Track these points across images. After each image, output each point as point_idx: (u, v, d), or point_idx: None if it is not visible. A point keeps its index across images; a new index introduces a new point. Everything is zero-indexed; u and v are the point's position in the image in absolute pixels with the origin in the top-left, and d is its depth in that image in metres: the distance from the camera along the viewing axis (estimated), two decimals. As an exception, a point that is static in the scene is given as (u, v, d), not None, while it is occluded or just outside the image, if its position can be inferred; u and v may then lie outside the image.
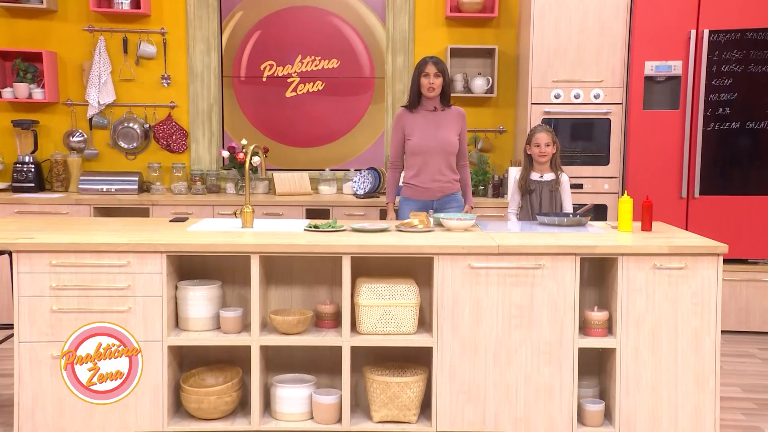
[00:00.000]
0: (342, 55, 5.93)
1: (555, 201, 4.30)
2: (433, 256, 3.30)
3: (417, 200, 4.27)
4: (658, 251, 3.29)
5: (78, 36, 5.78)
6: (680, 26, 5.11)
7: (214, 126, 5.86)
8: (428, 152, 4.21)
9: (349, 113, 6.00)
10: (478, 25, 5.82)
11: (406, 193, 4.30)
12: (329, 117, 5.99)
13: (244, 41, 5.90)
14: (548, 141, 4.27)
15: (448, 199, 4.30)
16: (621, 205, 3.72)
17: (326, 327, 3.46)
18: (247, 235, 3.54)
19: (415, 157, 4.22)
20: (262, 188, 5.70)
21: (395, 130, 4.27)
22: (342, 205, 5.34)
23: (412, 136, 4.22)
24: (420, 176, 4.24)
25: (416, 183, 4.25)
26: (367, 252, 3.31)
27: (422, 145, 4.20)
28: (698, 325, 3.32)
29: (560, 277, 3.30)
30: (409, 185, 4.28)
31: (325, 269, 3.60)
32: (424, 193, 4.26)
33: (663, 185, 5.19)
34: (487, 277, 3.30)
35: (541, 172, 4.35)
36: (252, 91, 5.95)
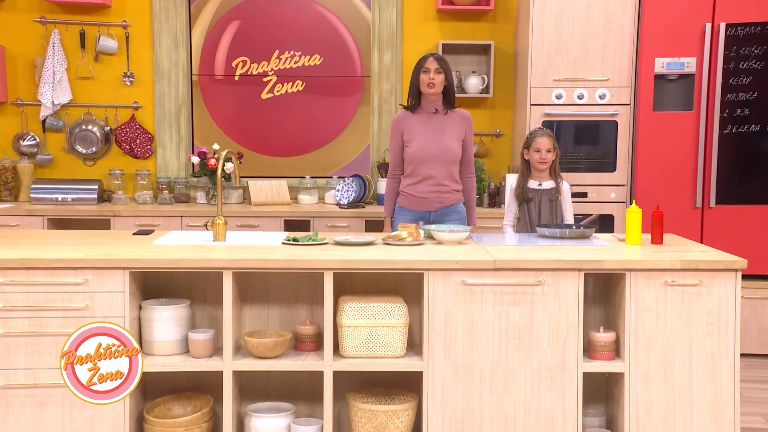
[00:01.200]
0: (326, 51, 5.94)
1: (555, 211, 4.33)
2: (424, 272, 3.32)
3: (413, 210, 4.27)
4: (669, 266, 3.32)
5: (29, 28, 5.78)
6: (694, 19, 5.16)
7: (182, 129, 5.87)
8: (428, 160, 4.19)
9: (335, 117, 6.00)
10: (472, 18, 5.86)
11: (402, 203, 4.31)
12: (311, 122, 5.99)
13: (215, 35, 5.91)
14: (549, 146, 4.30)
15: (448, 210, 4.29)
16: (629, 215, 3.76)
17: (306, 350, 3.47)
18: (219, 249, 3.55)
19: (414, 165, 4.22)
20: (235, 197, 5.71)
21: (393, 134, 4.28)
22: (324, 216, 5.36)
23: (411, 141, 4.21)
24: (418, 185, 4.24)
25: (413, 192, 4.26)
26: (352, 267, 3.32)
27: (421, 152, 4.19)
28: (715, 348, 3.35)
29: (562, 294, 3.33)
30: (406, 194, 4.29)
31: (305, 287, 3.61)
32: (421, 203, 4.26)
33: (675, 194, 5.24)
34: (483, 295, 3.32)
35: (539, 179, 4.38)
36: (223, 91, 5.95)
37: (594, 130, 5.35)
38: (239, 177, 4.05)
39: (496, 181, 5.75)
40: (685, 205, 5.25)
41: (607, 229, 5.21)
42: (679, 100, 5.26)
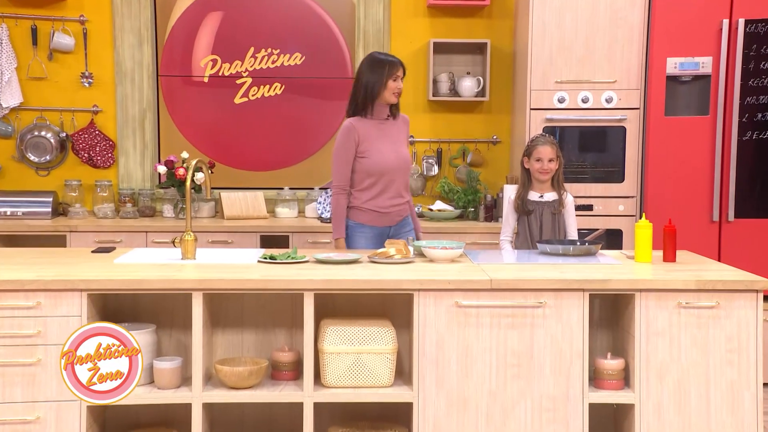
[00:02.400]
0: (308, 48, 5.94)
1: (558, 226, 4.35)
2: (414, 293, 3.33)
3: (374, 227, 4.28)
4: (683, 286, 3.35)
5: (-23, 25, 5.77)
6: (710, 15, 5.19)
7: (147, 135, 5.87)
8: (390, 171, 4.24)
9: (320, 125, 5.97)
10: (466, 14, 5.90)
11: (361, 218, 4.27)
12: (292, 130, 5.98)
13: (180, 31, 5.89)
14: (552, 156, 4.33)
15: (403, 223, 4.38)
16: (639, 230, 3.78)
17: (284, 379, 3.47)
18: (188, 268, 3.55)
19: (375, 177, 4.24)
20: (206, 211, 5.71)
21: (346, 143, 4.20)
22: (304, 231, 5.37)
23: (369, 152, 4.22)
24: (377, 199, 4.26)
25: (373, 207, 4.26)
26: (334, 288, 3.33)
27: (383, 163, 4.22)
28: (735, 377, 3.37)
29: (566, 317, 3.35)
30: (364, 210, 4.26)
31: (284, 309, 3.61)
32: (382, 218, 4.28)
33: (690, 207, 5.26)
34: (478, 318, 3.33)
35: (541, 191, 4.41)
36: (190, 95, 5.93)
37: (600, 137, 5.38)
38: (211, 188, 4.06)
39: (492, 193, 5.77)
40: (701, 219, 5.28)
41: (615, 245, 5.23)
42: (694, 104, 5.29)
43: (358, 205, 4.27)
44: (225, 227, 5.37)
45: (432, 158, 5.91)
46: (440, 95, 5.83)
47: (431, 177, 5.94)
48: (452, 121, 5.94)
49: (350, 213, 4.29)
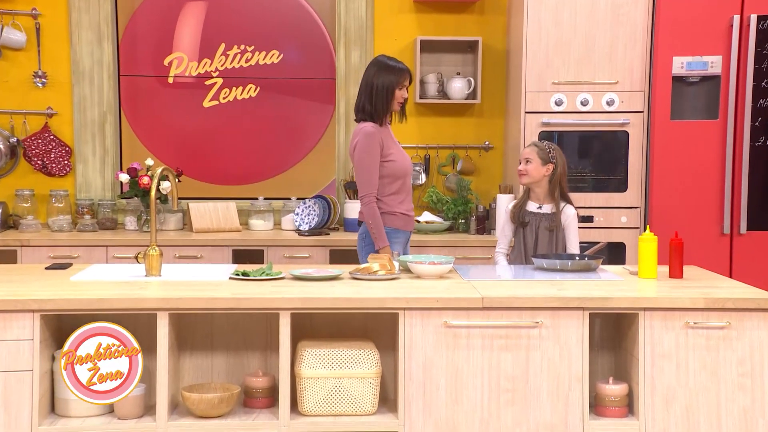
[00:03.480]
0: (287, 44, 5.93)
1: (555, 241, 4.36)
2: (399, 312, 3.33)
3: (405, 232, 4.58)
4: (691, 305, 3.37)
5: None
6: (719, 11, 5.23)
7: (108, 141, 5.86)
8: (408, 173, 4.58)
9: (301, 131, 5.96)
10: (456, 10, 5.93)
11: (397, 224, 4.51)
12: (269, 138, 5.95)
13: (144, 24, 5.87)
14: (529, 155, 4.38)
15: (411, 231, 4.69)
16: (643, 244, 3.81)
17: (258, 407, 3.47)
18: (152, 286, 3.54)
19: (400, 181, 4.52)
20: (173, 223, 5.70)
21: (372, 148, 4.42)
22: (280, 245, 5.37)
23: (393, 154, 4.49)
24: (406, 202, 4.56)
25: (404, 211, 4.55)
26: (313, 307, 3.34)
27: (406, 165, 4.56)
28: (748, 404, 3.39)
29: (564, 338, 3.36)
30: (398, 215, 4.52)
31: (257, 330, 3.61)
32: (410, 222, 4.61)
33: (698, 218, 5.29)
34: (469, 339, 3.34)
35: (538, 201, 4.43)
36: (153, 98, 5.91)
37: (601, 143, 5.41)
38: (178, 198, 4.05)
39: (484, 203, 5.79)
40: (710, 232, 5.30)
41: (617, 260, 5.25)
42: (702, 107, 5.33)
43: (391, 210, 4.49)
44: (193, 241, 5.36)
45: (419, 166, 5.93)
46: (428, 97, 5.85)
47: (418, 186, 5.95)
48: (441, 125, 5.97)
49: (385, 220, 4.47)
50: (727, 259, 5.30)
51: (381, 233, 4.40)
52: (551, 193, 4.39)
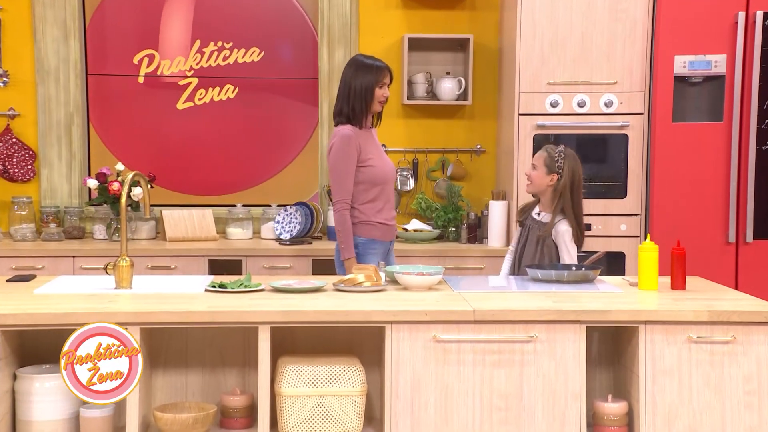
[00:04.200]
0: (269, 41, 5.90)
1: (540, 253, 4.34)
2: (385, 326, 3.33)
3: (384, 242, 4.54)
4: (694, 318, 3.37)
5: None
6: (724, 7, 5.24)
7: (75, 144, 5.85)
8: (388, 180, 4.55)
9: (285, 136, 5.92)
10: (445, 6, 5.94)
11: (374, 234, 4.49)
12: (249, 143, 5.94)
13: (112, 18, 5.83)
14: (536, 162, 4.39)
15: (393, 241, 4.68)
16: (643, 253, 3.82)
17: (236, 427, 3.46)
18: (122, 299, 3.53)
19: (379, 188, 4.50)
20: (146, 232, 5.69)
21: (349, 153, 4.41)
22: (260, 255, 5.37)
23: (371, 159, 4.48)
24: (384, 210, 4.52)
25: (383, 220, 4.53)
26: (294, 321, 3.33)
27: (386, 170, 4.54)
28: (755, 423, 3.39)
29: (560, 353, 3.37)
30: (375, 224, 4.50)
31: (235, 346, 3.61)
32: (390, 231, 4.58)
33: (702, 226, 5.31)
34: (460, 355, 3.35)
35: (542, 208, 4.45)
36: (125, 98, 5.89)
37: (599, 147, 5.42)
38: (150, 205, 4.05)
39: (476, 210, 5.80)
40: (715, 241, 5.32)
41: (616, 270, 5.26)
42: (706, 109, 5.35)
43: (368, 219, 4.48)
44: (167, 251, 5.35)
45: (407, 171, 5.94)
46: (416, 98, 5.87)
47: (406, 192, 5.96)
48: (430, 128, 5.98)
49: (360, 229, 4.47)
50: (732, 270, 5.32)
51: (348, 243, 4.41)
52: (553, 205, 4.38)
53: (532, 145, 5.32)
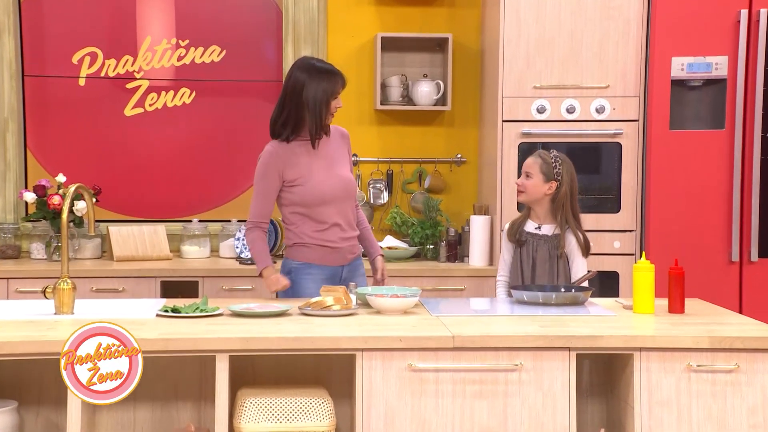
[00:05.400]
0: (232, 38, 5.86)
1: (556, 272, 4.35)
2: (356, 353, 3.33)
3: (324, 266, 4.35)
4: (694, 344, 3.38)
5: None
6: (724, 5, 5.27)
7: (10, 153, 5.82)
8: (334, 198, 4.33)
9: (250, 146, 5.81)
10: (422, 2, 5.96)
11: (309, 257, 4.34)
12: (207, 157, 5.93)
13: (51, 13, 5.79)
14: (530, 169, 4.37)
15: (357, 264, 4.47)
16: (638, 273, 3.83)
17: (189, 467, 3.45)
18: (63, 325, 3.51)
19: (311, 208, 4.32)
20: (90, 251, 5.66)
21: (266, 176, 4.28)
22: (218, 276, 5.35)
23: (302, 179, 4.29)
24: (328, 233, 4.33)
25: (322, 242, 4.33)
26: (255, 349, 3.32)
27: (325, 188, 4.30)
28: (760, 459, 3.42)
29: (547, 383, 3.37)
30: (311, 246, 4.33)
31: (190, 376, 3.59)
32: (334, 255, 4.36)
33: (702, 243, 5.33)
34: (438, 385, 3.34)
35: (537, 220, 4.44)
36: (66, 103, 5.86)
37: (590, 156, 5.43)
38: (95, 221, 4.03)
39: (456, 226, 5.81)
40: (717, 259, 5.34)
41: (609, 291, 5.28)
42: (706, 115, 5.37)
43: (302, 241, 4.33)
44: (114, 271, 5.33)
45: (380, 183, 5.94)
46: (390, 103, 5.88)
47: (380, 206, 5.97)
48: (405, 135, 5.99)
49: (294, 252, 4.35)
50: (736, 291, 5.34)
51: (259, 256, 4.30)
52: (553, 215, 4.39)
53: (517, 155, 5.33)
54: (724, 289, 5.29)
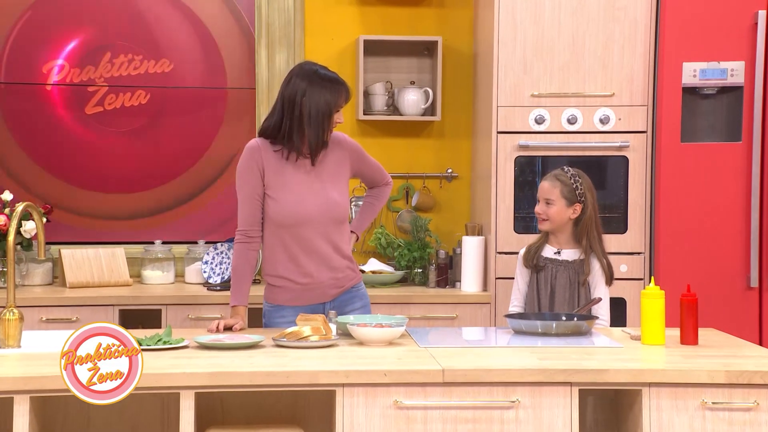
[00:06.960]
0: (178, 51, 5.95)
1: (577, 299, 4.36)
2: (336, 389, 3.32)
3: (299, 307, 4.18)
4: (709, 379, 3.38)
5: None
6: (740, 5, 5.28)
7: (-44, 168, 5.81)
8: (309, 222, 4.17)
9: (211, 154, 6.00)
10: (409, 2, 5.97)
11: (281, 298, 4.22)
12: (161, 143, 6.01)
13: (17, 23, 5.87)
14: (551, 195, 4.38)
15: (349, 296, 4.32)
16: (646, 300, 3.84)
17: None
18: (8, 360, 3.50)
19: (286, 231, 4.17)
20: (40, 276, 5.64)
21: (247, 170, 4.14)
22: (184, 303, 5.34)
23: (281, 192, 4.15)
24: (302, 264, 4.19)
25: (295, 278, 4.19)
26: (224, 385, 3.31)
27: (296, 211, 4.15)
28: (780, 505, 3.42)
29: (548, 421, 3.36)
30: (279, 287, 4.21)
31: (151, 416, 3.58)
32: (309, 294, 4.22)
33: (717, 267, 5.33)
34: (427, 423, 3.33)
35: (557, 245, 4.45)
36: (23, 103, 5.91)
37: (593, 171, 5.38)
38: (46, 243, 4.01)
39: (447, 248, 5.80)
40: (733, 285, 5.34)
41: (616, 320, 5.25)
42: (721, 126, 5.40)
43: (276, 273, 4.19)
44: (67, 299, 5.30)
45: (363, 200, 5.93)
46: (374, 113, 5.88)
47: (361, 227, 5.96)
48: (391, 148, 5.98)
49: (267, 291, 4.26)
50: (755, 320, 5.34)
51: (235, 286, 4.15)
52: (576, 239, 4.39)
53: (514, 169, 5.33)
54: (741, 318, 5.29)
